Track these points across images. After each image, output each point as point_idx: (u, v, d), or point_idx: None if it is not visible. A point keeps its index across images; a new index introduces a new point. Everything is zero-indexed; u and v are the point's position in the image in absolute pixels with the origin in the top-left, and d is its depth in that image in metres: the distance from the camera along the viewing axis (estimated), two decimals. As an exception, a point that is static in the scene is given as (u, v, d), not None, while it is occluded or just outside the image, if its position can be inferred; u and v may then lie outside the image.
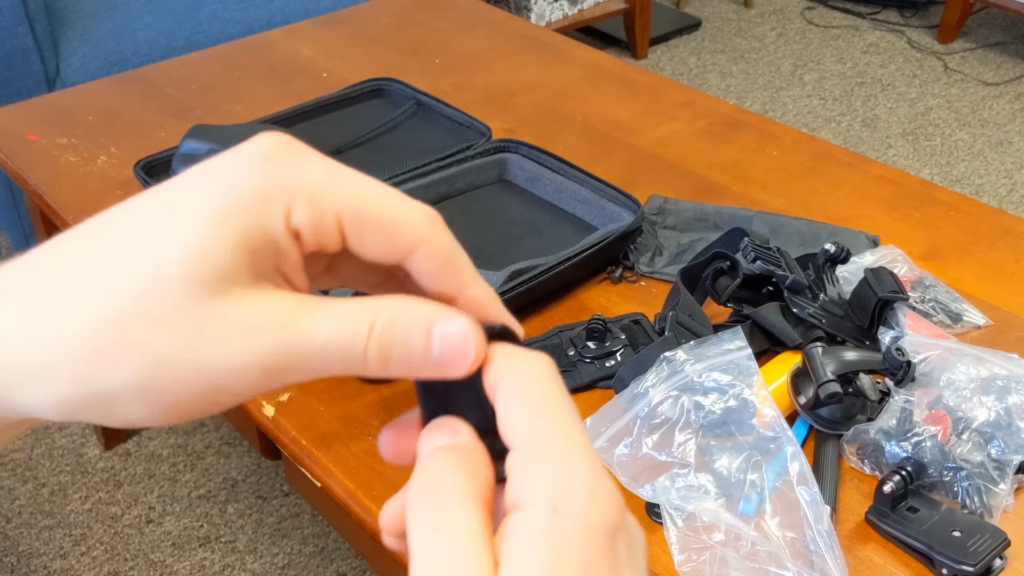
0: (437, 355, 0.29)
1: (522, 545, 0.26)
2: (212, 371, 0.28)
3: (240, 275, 0.28)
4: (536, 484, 0.27)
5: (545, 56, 1.62)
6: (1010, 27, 3.42)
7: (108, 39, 2.05)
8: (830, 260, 0.99)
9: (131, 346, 0.27)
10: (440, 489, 0.27)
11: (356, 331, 0.28)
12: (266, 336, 0.28)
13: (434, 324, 0.29)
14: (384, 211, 0.30)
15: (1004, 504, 0.81)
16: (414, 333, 0.29)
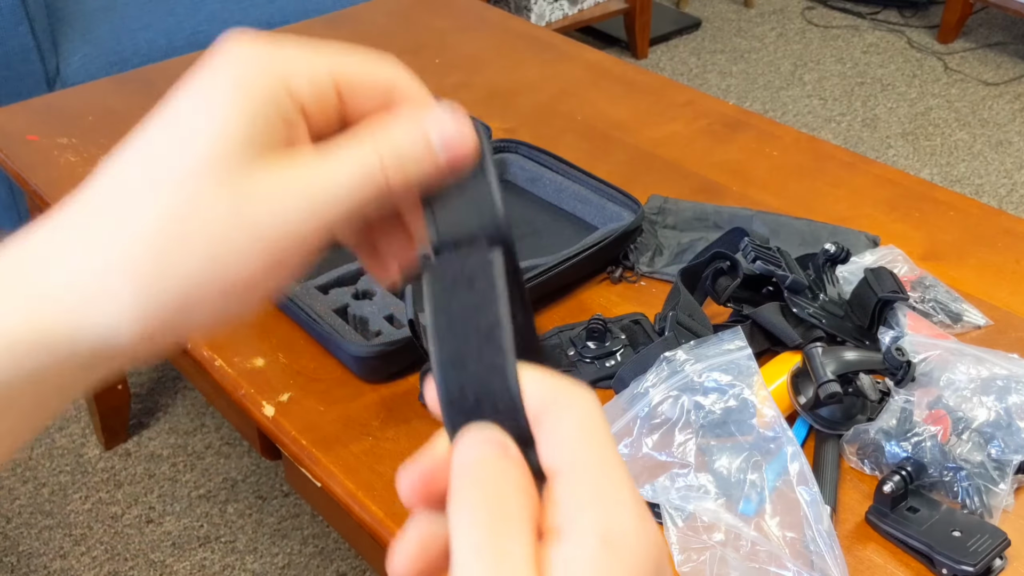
0: (441, 150, 0.32)
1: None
2: (265, 232, 0.30)
3: (263, 147, 0.30)
4: (588, 515, 0.27)
5: (545, 56, 1.62)
6: (1010, 27, 3.42)
7: (108, 39, 2.05)
8: (830, 260, 0.99)
9: (188, 237, 0.29)
10: (499, 510, 0.27)
11: (370, 161, 0.32)
12: (298, 193, 0.30)
13: (426, 129, 0.32)
14: (369, 72, 0.34)
15: (1004, 504, 0.81)
16: (417, 142, 0.32)
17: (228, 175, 0.30)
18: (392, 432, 0.91)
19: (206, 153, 0.30)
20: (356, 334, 0.97)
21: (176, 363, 1.37)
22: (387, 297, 1.02)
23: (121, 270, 0.29)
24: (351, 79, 0.33)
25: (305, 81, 0.32)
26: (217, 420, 1.86)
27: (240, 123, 0.30)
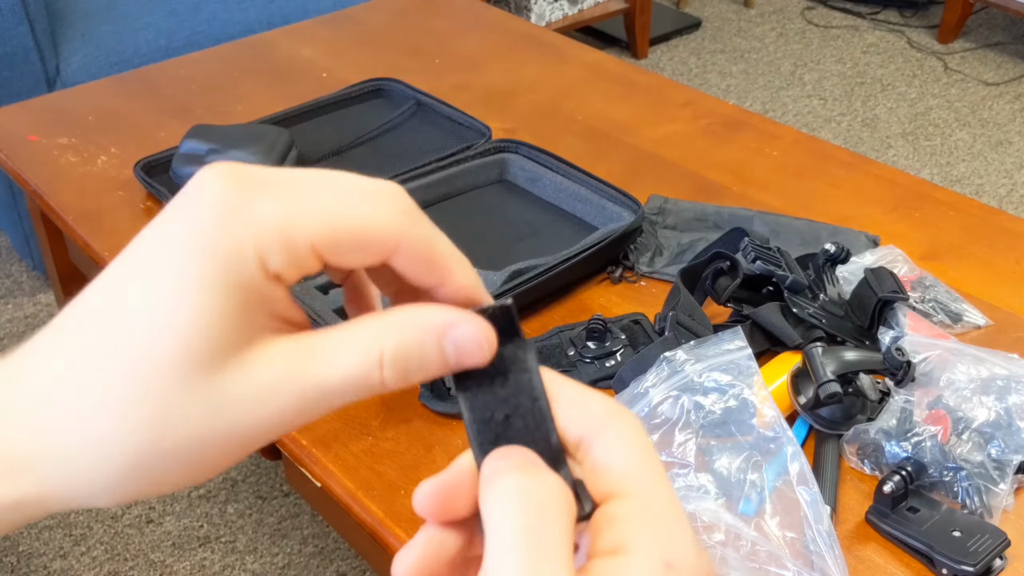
0: (454, 360, 0.30)
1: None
2: (240, 437, 0.28)
3: (238, 338, 0.27)
4: (652, 538, 0.27)
5: (545, 56, 1.62)
6: (1010, 27, 3.42)
7: (108, 39, 2.05)
8: (830, 260, 0.99)
9: (166, 452, 0.28)
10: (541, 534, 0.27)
11: (367, 361, 0.29)
12: (283, 393, 0.28)
13: (444, 334, 0.29)
14: (356, 226, 0.29)
15: (1004, 504, 0.81)
16: (427, 346, 0.29)
17: (206, 378, 0.27)
18: (392, 432, 0.91)
19: (182, 353, 0.27)
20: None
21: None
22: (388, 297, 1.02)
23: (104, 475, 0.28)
24: (336, 237, 0.29)
25: (281, 259, 0.28)
26: (217, 420, 1.86)
27: (213, 318, 0.27)
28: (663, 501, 0.29)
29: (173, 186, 1.22)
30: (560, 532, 0.27)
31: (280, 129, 1.27)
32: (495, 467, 0.29)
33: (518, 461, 0.29)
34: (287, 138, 1.24)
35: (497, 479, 0.28)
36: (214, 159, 1.19)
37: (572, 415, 0.30)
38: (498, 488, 0.28)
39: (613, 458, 0.29)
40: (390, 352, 0.29)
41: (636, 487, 0.29)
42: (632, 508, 0.28)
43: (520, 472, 0.28)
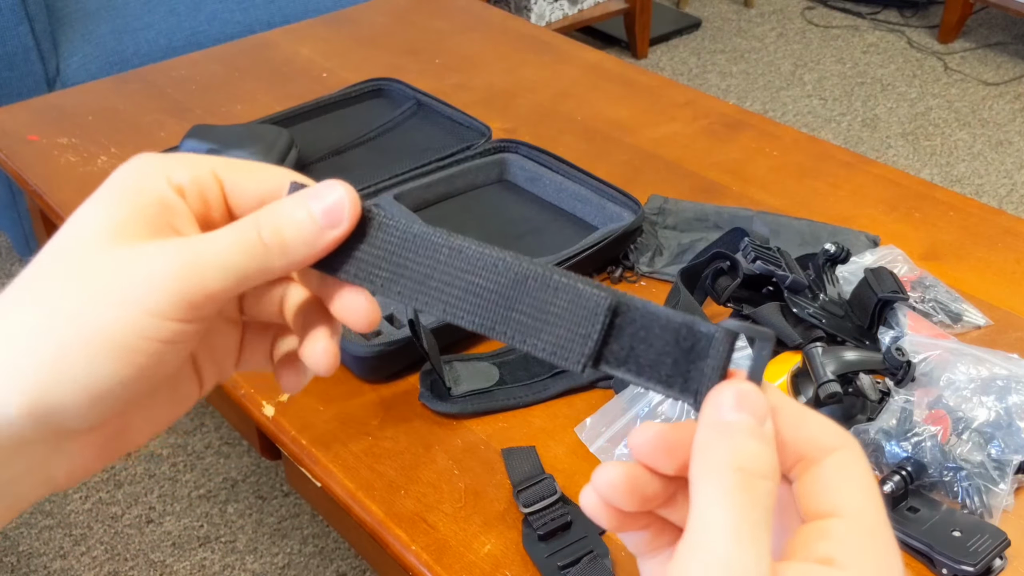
0: (321, 218, 0.33)
1: None
2: (142, 290, 0.31)
3: (139, 231, 0.32)
4: (866, 559, 0.29)
5: (545, 56, 1.62)
6: (1010, 27, 3.42)
7: (108, 39, 2.05)
8: (830, 260, 0.99)
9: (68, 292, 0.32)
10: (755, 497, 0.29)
11: (249, 235, 0.33)
12: (172, 252, 0.32)
13: (306, 199, 0.34)
14: (253, 174, 0.35)
15: (1004, 504, 0.81)
16: (297, 212, 0.33)
17: (110, 245, 0.32)
18: (392, 432, 0.91)
19: (91, 232, 0.32)
20: (356, 334, 0.97)
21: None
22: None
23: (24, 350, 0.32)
24: (235, 177, 0.35)
25: (185, 172, 0.34)
26: (217, 420, 1.86)
27: (121, 207, 0.33)
28: (882, 533, 0.30)
29: (173, 186, 1.22)
30: (766, 515, 0.28)
31: (280, 129, 1.27)
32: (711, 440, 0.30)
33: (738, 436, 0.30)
34: (287, 138, 1.24)
35: (714, 458, 0.29)
36: (214, 159, 1.19)
37: (793, 433, 0.31)
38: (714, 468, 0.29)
39: (836, 484, 0.31)
40: (265, 222, 0.33)
41: (857, 512, 0.30)
42: (850, 529, 0.30)
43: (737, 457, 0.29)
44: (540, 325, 0.32)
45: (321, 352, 0.37)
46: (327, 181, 0.34)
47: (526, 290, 0.32)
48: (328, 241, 0.33)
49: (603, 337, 0.32)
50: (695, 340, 0.31)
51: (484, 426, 0.91)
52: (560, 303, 0.32)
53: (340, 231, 0.33)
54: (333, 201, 0.33)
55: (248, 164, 0.35)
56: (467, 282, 0.33)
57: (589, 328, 0.32)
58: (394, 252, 0.34)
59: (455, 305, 0.33)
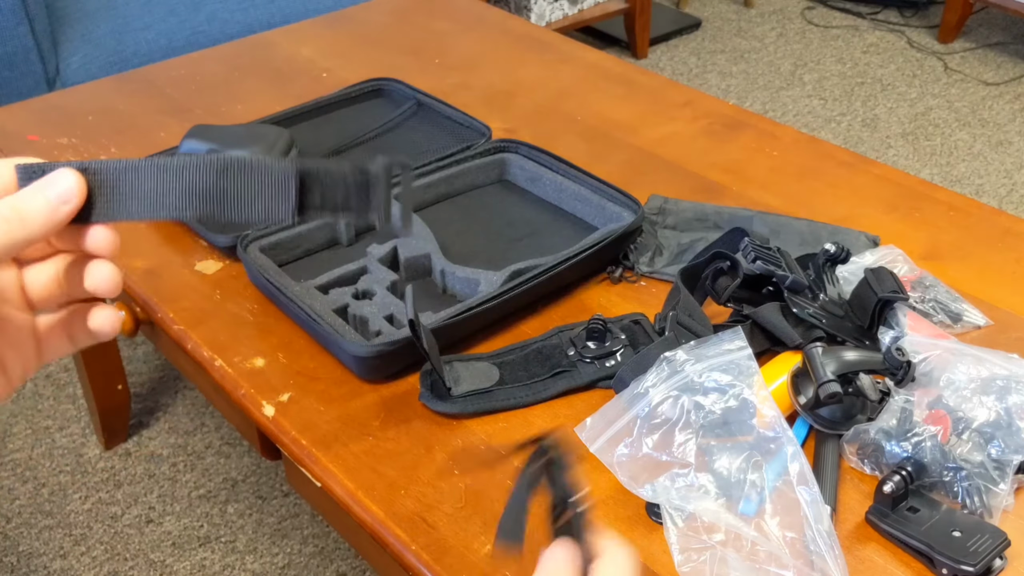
0: (55, 199, 0.41)
1: None
2: None
3: None
4: None
5: (545, 56, 1.62)
6: (1010, 27, 3.42)
7: (108, 39, 2.05)
8: (830, 260, 0.99)
9: None
10: None
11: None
12: None
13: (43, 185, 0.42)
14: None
15: (1004, 504, 0.81)
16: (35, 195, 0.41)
17: None
18: (392, 432, 0.91)
19: None
20: (356, 334, 0.97)
21: (176, 363, 1.37)
22: (387, 297, 1.02)
23: None
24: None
25: None
26: (217, 420, 1.86)
27: None
28: None
29: (173, 186, 1.22)
30: None
31: (280, 129, 1.27)
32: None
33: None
34: (287, 138, 1.25)
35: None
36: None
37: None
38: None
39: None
40: (6, 204, 0.40)
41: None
42: None
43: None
44: (251, 200, 0.43)
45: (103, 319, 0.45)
46: (58, 171, 0.42)
47: (230, 177, 0.42)
48: (64, 214, 0.41)
49: (299, 195, 0.43)
50: (367, 176, 0.44)
51: (484, 426, 0.91)
52: (260, 180, 0.43)
53: (71, 206, 0.42)
54: (63, 187, 0.41)
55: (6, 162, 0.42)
56: (184, 186, 0.43)
57: (287, 191, 0.43)
58: (119, 189, 0.43)
59: (177, 206, 0.43)
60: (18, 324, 0.44)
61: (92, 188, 0.43)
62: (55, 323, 0.46)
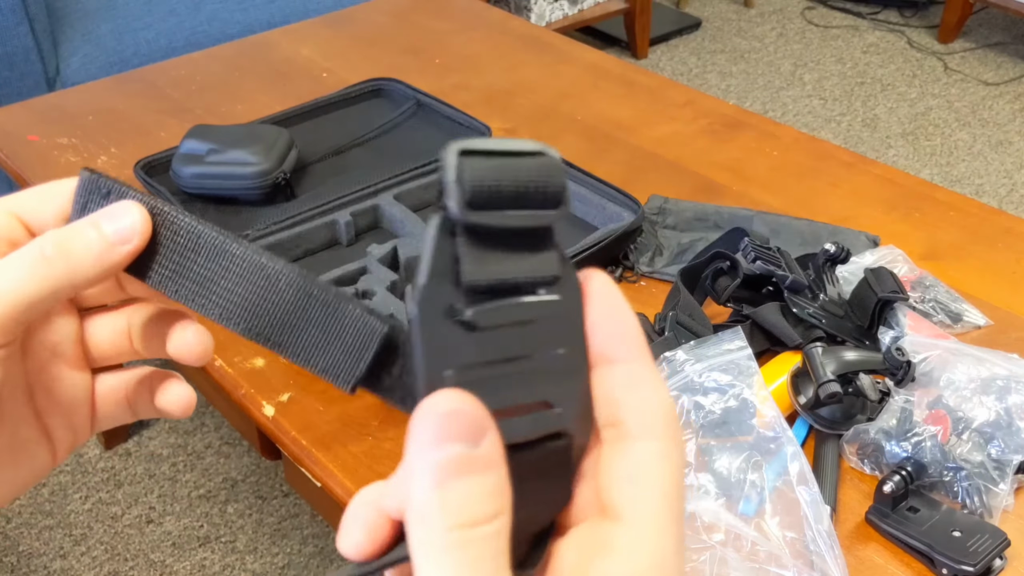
0: (111, 233, 0.32)
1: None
2: None
3: None
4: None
5: (545, 56, 1.62)
6: (1010, 27, 3.42)
7: (108, 39, 2.05)
8: (830, 260, 0.99)
9: None
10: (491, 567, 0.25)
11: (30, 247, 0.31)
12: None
13: (98, 219, 0.32)
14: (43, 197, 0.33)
15: (1004, 504, 0.81)
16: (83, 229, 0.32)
17: None
18: (392, 432, 0.91)
19: None
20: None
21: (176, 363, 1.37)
22: (387, 297, 1.02)
23: None
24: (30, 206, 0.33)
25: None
26: (217, 420, 1.86)
27: None
28: (666, 555, 0.26)
29: (173, 186, 1.22)
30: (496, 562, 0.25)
31: (280, 129, 1.27)
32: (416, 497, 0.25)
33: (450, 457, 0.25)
34: (287, 138, 1.24)
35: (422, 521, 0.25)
36: (214, 159, 1.19)
37: (616, 393, 0.27)
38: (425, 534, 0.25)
39: (632, 481, 0.27)
40: (49, 239, 0.31)
41: (644, 524, 0.26)
42: (631, 545, 0.26)
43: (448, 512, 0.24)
44: (319, 342, 0.32)
45: (175, 399, 0.37)
46: (121, 202, 0.32)
47: (311, 306, 0.32)
48: (121, 256, 0.32)
49: (373, 362, 0.31)
50: None
51: (484, 426, 0.91)
52: (341, 323, 0.32)
53: (131, 247, 0.32)
54: (125, 223, 0.32)
55: (39, 189, 0.34)
56: (249, 291, 0.32)
57: (362, 352, 0.31)
58: (181, 252, 0.33)
59: (233, 312, 0.33)
60: (71, 385, 0.36)
61: (157, 232, 0.33)
62: (117, 387, 0.37)
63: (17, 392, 0.34)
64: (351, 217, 1.15)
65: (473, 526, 0.24)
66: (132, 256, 0.32)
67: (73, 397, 0.36)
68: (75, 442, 0.36)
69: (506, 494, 0.25)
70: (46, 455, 0.35)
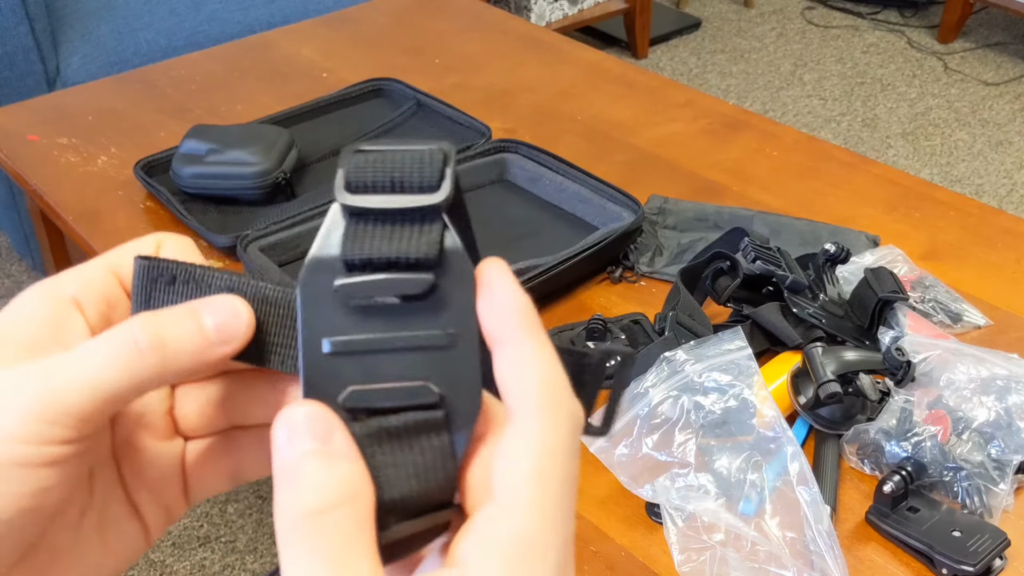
0: (212, 328, 0.29)
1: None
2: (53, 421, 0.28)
3: (16, 357, 0.29)
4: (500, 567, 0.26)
5: (545, 56, 1.62)
6: (1010, 27, 3.42)
7: (108, 39, 2.05)
8: (830, 260, 0.99)
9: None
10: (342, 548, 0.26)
11: (121, 333, 0.29)
12: (32, 371, 0.28)
13: (198, 309, 0.30)
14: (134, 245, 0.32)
15: (1004, 504, 0.81)
16: (181, 319, 0.29)
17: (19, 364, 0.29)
18: (392, 432, 0.91)
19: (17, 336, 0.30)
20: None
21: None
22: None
23: None
24: (125, 263, 0.32)
25: (73, 282, 0.31)
26: (217, 420, 1.86)
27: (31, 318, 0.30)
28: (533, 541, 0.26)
29: (173, 186, 1.22)
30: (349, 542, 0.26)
31: (280, 129, 1.27)
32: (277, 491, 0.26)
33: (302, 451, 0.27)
34: (287, 138, 1.24)
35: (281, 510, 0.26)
36: (214, 159, 1.19)
37: (508, 377, 0.28)
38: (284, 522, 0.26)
39: (504, 462, 0.27)
40: (142, 330, 0.29)
41: (508, 507, 0.27)
42: (492, 527, 0.26)
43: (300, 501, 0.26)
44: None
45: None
46: (226, 297, 0.30)
47: None
48: (219, 356, 0.30)
49: None
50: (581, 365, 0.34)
51: (484, 426, 0.91)
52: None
53: (232, 348, 0.30)
54: (229, 322, 0.30)
55: (137, 244, 0.32)
56: None
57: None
58: (281, 323, 0.31)
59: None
60: (159, 457, 0.33)
61: (260, 321, 0.31)
62: (213, 453, 0.34)
63: (105, 468, 0.32)
64: (351, 217, 1.14)
65: (322, 513, 0.25)
66: (228, 358, 0.30)
67: (163, 470, 0.34)
68: (169, 519, 0.34)
69: (358, 482, 0.26)
70: (137, 534, 0.33)
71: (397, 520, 0.27)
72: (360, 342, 0.28)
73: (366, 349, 0.28)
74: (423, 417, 0.28)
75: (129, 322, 0.29)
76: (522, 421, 0.27)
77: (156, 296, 0.31)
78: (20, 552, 0.29)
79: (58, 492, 0.29)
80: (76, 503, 0.31)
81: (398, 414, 0.28)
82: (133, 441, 0.33)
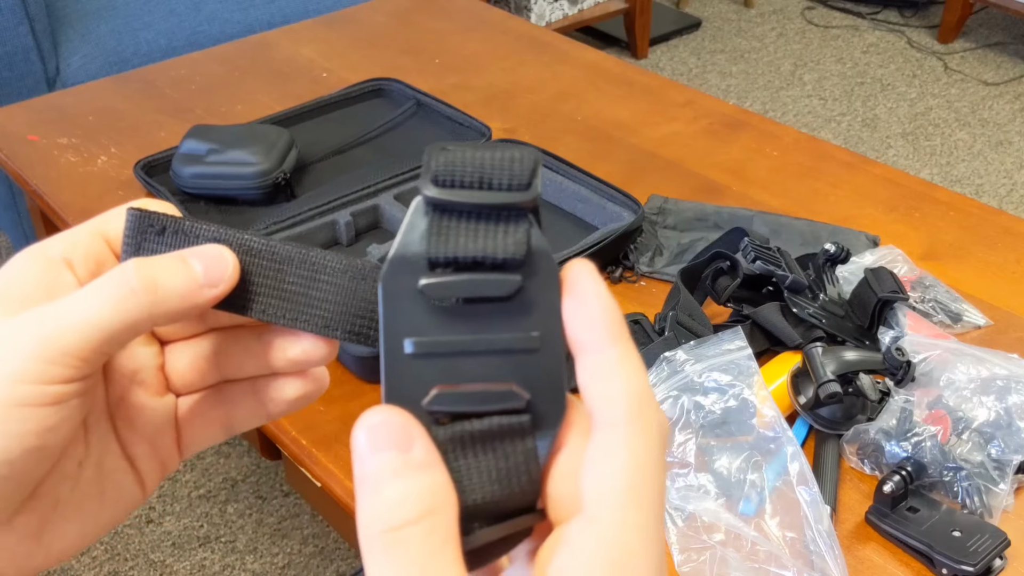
0: (201, 272, 0.31)
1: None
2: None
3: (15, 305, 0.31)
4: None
5: (545, 56, 1.61)
6: (1010, 27, 3.42)
7: (108, 39, 2.05)
8: (830, 260, 0.99)
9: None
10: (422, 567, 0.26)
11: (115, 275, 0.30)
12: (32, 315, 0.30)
13: (185, 256, 0.31)
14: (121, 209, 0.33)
15: (1004, 504, 0.81)
16: (171, 263, 0.31)
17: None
18: (392, 432, 0.91)
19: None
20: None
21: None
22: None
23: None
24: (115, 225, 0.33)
25: (59, 244, 0.32)
26: (217, 420, 1.86)
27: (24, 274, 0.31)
28: (626, 554, 0.26)
29: (173, 186, 1.22)
30: (429, 561, 0.26)
31: (280, 129, 1.27)
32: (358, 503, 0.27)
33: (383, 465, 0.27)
34: (287, 138, 1.25)
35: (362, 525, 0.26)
36: (214, 159, 1.19)
37: (593, 385, 0.27)
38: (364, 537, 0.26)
39: (594, 471, 0.27)
40: (135, 272, 0.30)
41: (601, 518, 0.26)
42: (586, 542, 0.26)
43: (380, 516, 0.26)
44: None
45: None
46: (212, 246, 0.32)
47: None
48: (206, 300, 0.31)
49: None
50: None
51: (484, 426, 0.91)
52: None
53: (218, 292, 0.31)
54: (215, 267, 0.31)
55: (121, 208, 0.33)
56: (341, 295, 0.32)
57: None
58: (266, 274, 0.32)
59: (332, 320, 0.32)
60: (153, 412, 0.35)
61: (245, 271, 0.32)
62: (205, 406, 0.36)
63: (100, 422, 0.34)
64: (351, 217, 1.15)
65: (403, 527, 0.25)
66: (217, 301, 0.31)
67: (156, 425, 0.35)
68: (163, 472, 0.36)
69: (441, 493, 0.26)
70: (134, 487, 0.35)
71: (480, 525, 0.27)
72: (444, 343, 0.27)
73: (450, 351, 0.27)
74: (509, 421, 0.27)
75: (122, 266, 0.30)
76: (611, 430, 0.27)
77: (146, 246, 0.32)
78: (23, 494, 0.31)
79: (59, 433, 0.30)
80: (74, 455, 0.32)
81: (482, 418, 0.27)
82: (127, 397, 0.34)
